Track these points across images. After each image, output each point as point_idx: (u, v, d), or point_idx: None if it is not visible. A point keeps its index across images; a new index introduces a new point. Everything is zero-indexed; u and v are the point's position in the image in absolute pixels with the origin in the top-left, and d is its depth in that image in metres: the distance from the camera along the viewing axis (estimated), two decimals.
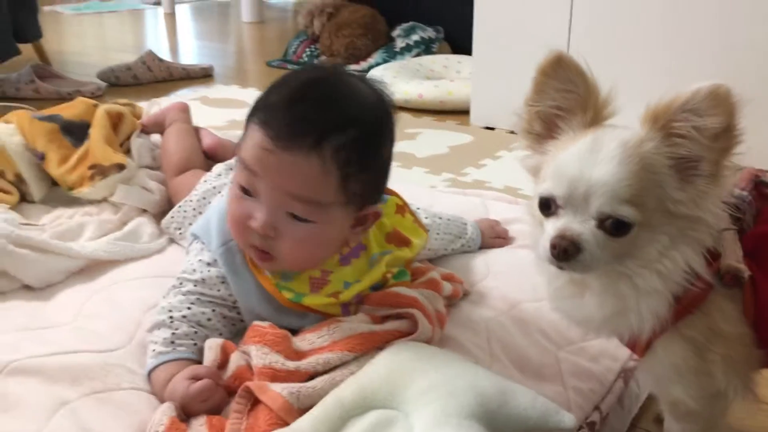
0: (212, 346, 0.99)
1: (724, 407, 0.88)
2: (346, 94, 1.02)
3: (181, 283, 1.06)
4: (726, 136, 0.73)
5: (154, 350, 1.00)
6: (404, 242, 1.15)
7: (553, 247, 0.76)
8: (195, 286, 1.05)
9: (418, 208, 1.30)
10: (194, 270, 1.07)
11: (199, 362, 0.99)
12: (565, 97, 0.81)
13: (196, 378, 0.94)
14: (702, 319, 0.81)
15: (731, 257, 0.80)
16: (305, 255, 1.02)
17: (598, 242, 0.75)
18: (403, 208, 1.18)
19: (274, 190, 0.97)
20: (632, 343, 0.87)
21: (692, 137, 0.73)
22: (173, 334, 1.01)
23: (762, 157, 0.86)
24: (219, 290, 1.06)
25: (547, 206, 0.79)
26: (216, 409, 0.94)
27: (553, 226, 0.77)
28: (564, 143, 0.81)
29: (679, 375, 0.84)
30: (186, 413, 0.93)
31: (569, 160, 0.77)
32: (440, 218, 1.33)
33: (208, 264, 1.06)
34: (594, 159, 0.75)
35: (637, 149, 0.75)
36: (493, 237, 1.42)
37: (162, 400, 0.94)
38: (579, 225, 0.76)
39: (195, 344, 1.01)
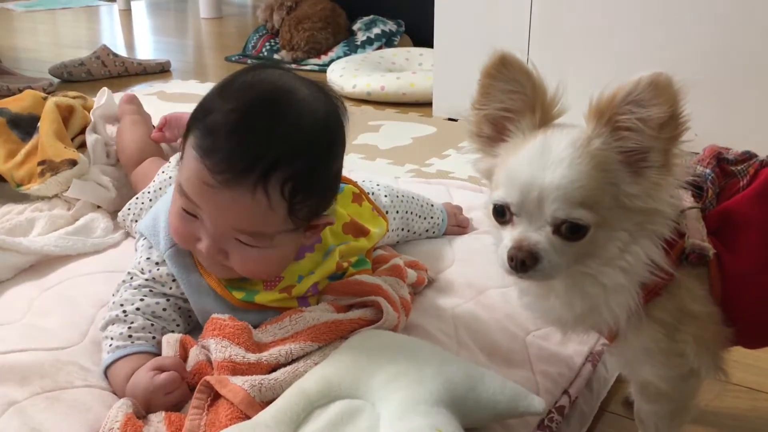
0: (170, 341, 0.96)
1: (695, 388, 0.87)
2: (296, 115, 0.92)
3: (132, 278, 1.03)
4: (672, 125, 0.71)
5: (111, 345, 0.96)
6: (362, 232, 1.12)
7: (511, 259, 0.74)
8: (146, 280, 1.02)
9: (378, 184, 1.28)
10: (143, 269, 1.03)
11: (160, 355, 0.96)
12: (511, 98, 0.78)
13: (161, 369, 0.91)
14: (670, 300, 0.80)
15: (695, 236, 0.79)
16: (258, 271, 0.99)
17: (555, 249, 0.73)
18: (360, 196, 1.16)
19: (217, 223, 0.93)
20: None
21: (638, 129, 0.72)
22: (129, 328, 0.97)
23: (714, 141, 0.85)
24: (171, 288, 1.02)
25: (501, 214, 0.77)
26: (177, 405, 0.90)
27: (509, 236, 0.75)
28: (514, 146, 0.78)
29: (650, 357, 0.83)
30: (147, 407, 0.89)
31: (519, 165, 0.75)
32: (403, 195, 1.30)
33: (157, 263, 1.03)
34: (544, 162, 0.73)
35: (586, 148, 0.73)
36: (454, 225, 1.41)
37: (122, 396, 0.91)
38: (535, 233, 0.74)
39: (153, 337, 0.98)
